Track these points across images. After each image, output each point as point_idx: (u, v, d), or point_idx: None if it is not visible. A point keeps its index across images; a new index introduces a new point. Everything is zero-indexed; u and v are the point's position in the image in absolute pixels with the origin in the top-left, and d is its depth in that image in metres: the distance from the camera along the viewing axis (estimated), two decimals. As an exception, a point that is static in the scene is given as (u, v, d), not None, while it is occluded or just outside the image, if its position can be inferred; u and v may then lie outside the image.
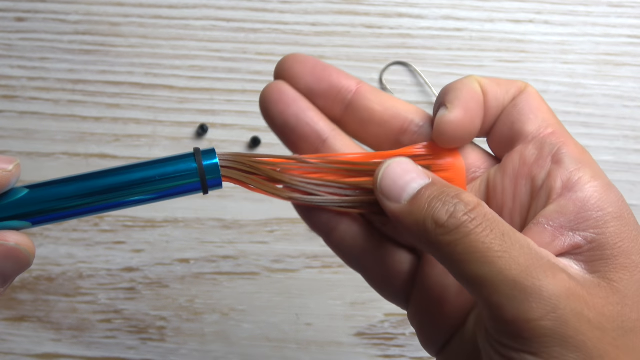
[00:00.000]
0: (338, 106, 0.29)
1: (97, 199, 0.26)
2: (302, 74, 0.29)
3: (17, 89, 0.54)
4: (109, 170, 0.27)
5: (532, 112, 0.27)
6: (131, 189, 0.27)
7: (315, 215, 0.29)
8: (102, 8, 0.55)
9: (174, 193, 0.27)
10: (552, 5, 0.55)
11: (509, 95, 0.28)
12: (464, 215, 0.23)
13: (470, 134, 0.28)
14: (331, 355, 0.50)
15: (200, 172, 0.27)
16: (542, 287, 0.22)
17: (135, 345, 0.50)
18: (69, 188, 0.26)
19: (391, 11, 0.55)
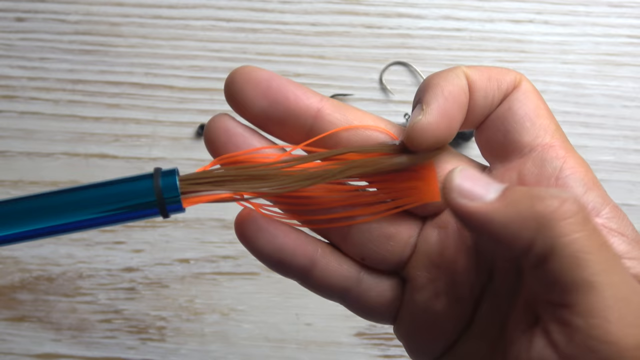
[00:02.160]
0: (299, 132, 0.26)
1: (48, 220, 0.24)
2: (254, 99, 0.25)
3: (17, 89, 0.54)
4: (60, 190, 0.25)
5: (529, 118, 0.25)
6: (85, 209, 0.24)
7: (289, 259, 0.26)
8: (102, 8, 0.55)
9: (130, 216, 0.25)
10: (552, 5, 0.55)
11: (501, 92, 0.25)
12: (578, 206, 0.21)
13: (444, 141, 0.25)
14: (331, 355, 0.50)
15: (157, 194, 0.24)
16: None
17: (135, 345, 0.50)
18: (15, 207, 0.24)
19: (391, 11, 0.55)
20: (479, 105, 0.25)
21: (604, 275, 0.20)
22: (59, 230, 0.25)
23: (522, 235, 0.21)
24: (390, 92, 0.54)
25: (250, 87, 0.25)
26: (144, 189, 0.24)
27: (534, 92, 0.26)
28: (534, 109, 0.25)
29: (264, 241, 0.26)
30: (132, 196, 0.24)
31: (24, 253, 0.51)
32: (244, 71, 0.25)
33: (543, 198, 0.21)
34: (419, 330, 0.27)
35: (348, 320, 0.50)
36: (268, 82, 0.25)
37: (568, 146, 0.25)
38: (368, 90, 0.54)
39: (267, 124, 0.26)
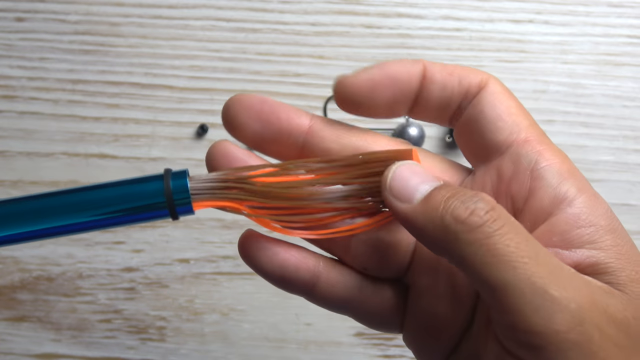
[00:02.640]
0: (292, 148, 0.27)
1: (57, 219, 0.24)
2: (249, 122, 0.27)
3: (17, 89, 0.54)
4: (70, 190, 0.25)
5: (500, 117, 0.26)
6: (95, 209, 0.24)
7: (293, 275, 0.27)
8: (102, 8, 0.55)
9: (140, 218, 0.25)
10: (552, 5, 0.55)
11: (462, 88, 0.26)
12: (486, 213, 0.22)
13: (362, 102, 0.26)
14: (331, 355, 0.50)
15: (167, 196, 0.24)
16: (570, 298, 0.21)
17: (135, 345, 0.50)
18: (27, 206, 0.24)
19: (390, 11, 0.55)
20: (435, 96, 0.26)
21: (511, 275, 0.21)
22: (69, 230, 0.24)
23: (436, 242, 0.23)
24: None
25: (244, 112, 0.27)
26: (154, 190, 0.24)
27: (503, 92, 0.26)
28: (505, 108, 0.26)
29: (267, 259, 0.27)
30: (142, 197, 0.24)
31: (23, 253, 0.51)
32: (237, 98, 0.27)
33: (453, 209, 0.22)
34: (425, 334, 0.27)
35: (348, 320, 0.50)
36: (260, 105, 0.27)
37: (544, 139, 0.26)
38: (368, 90, 0.54)
39: (262, 144, 0.28)
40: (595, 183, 0.53)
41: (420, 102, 0.27)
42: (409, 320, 0.28)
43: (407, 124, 0.52)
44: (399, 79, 0.26)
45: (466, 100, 0.26)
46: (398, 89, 0.26)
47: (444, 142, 0.53)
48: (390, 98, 0.26)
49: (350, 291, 0.28)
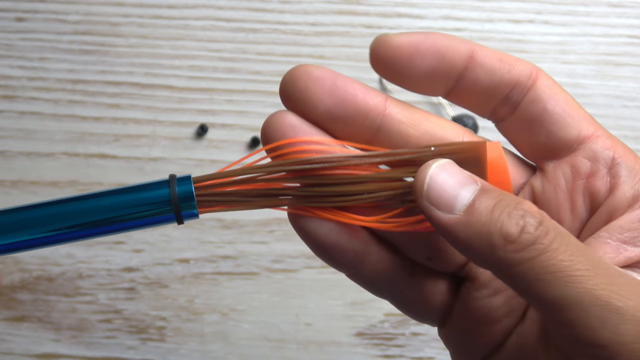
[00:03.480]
0: (366, 131, 0.25)
1: (64, 227, 0.24)
2: (321, 97, 0.24)
3: (17, 89, 0.54)
4: (77, 197, 0.25)
5: (568, 114, 0.25)
6: (101, 216, 0.25)
7: (345, 242, 0.25)
8: (102, 8, 0.55)
9: (146, 223, 0.25)
10: (552, 5, 0.55)
11: (512, 77, 0.25)
12: (537, 229, 0.21)
13: (399, 66, 0.24)
14: (331, 355, 0.50)
15: (174, 202, 0.25)
16: (635, 307, 0.20)
17: (135, 345, 0.50)
18: (32, 214, 0.25)
19: (391, 11, 0.55)
20: (481, 81, 0.25)
21: (571, 290, 0.20)
22: (77, 236, 0.25)
23: (482, 258, 0.22)
24: (390, 92, 0.54)
25: (316, 86, 0.24)
26: (161, 196, 0.25)
27: (557, 84, 0.25)
28: (568, 102, 0.25)
29: (320, 224, 0.25)
30: (149, 204, 0.25)
31: (23, 253, 0.51)
32: (306, 70, 0.25)
33: (502, 225, 0.21)
34: (473, 330, 0.27)
35: (348, 320, 0.50)
36: (333, 80, 0.25)
37: (609, 133, 0.25)
38: (368, 90, 0.54)
39: (333, 123, 0.25)
40: (596, 183, 0.53)
41: (463, 84, 0.25)
42: (457, 314, 0.27)
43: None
44: (445, 51, 0.24)
45: (516, 92, 0.25)
46: (441, 62, 0.24)
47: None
48: (431, 70, 0.24)
49: (399, 274, 0.27)
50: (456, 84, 0.25)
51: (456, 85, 0.25)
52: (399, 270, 0.27)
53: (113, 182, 0.52)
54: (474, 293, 0.26)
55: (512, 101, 0.25)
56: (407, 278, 0.27)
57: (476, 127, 0.52)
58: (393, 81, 0.25)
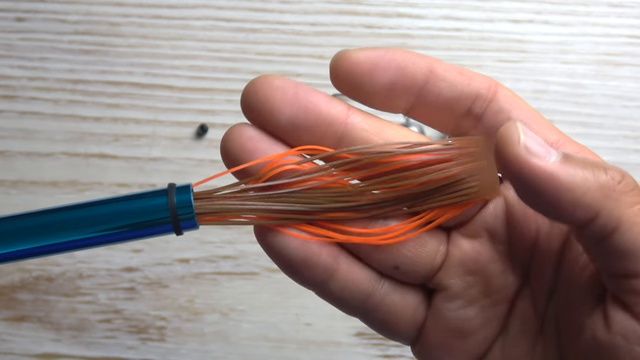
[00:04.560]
0: (329, 140, 0.25)
1: (58, 236, 0.24)
2: (282, 107, 0.24)
3: (17, 89, 0.54)
4: (72, 206, 0.25)
5: (532, 121, 0.25)
6: (98, 225, 0.24)
7: (314, 258, 0.25)
8: (102, 8, 0.55)
9: (143, 234, 0.24)
10: (552, 5, 0.55)
11: (472, 89, 0.24)
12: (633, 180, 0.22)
13: (358, 83, 0.24)
14: (331, 355, 0.50)
15: (171, 211, 0.24)
16: None
17: (135, 345, 0.50)
18: (29, 222, 0.24)
19: (391, 11, 0.55)
20: (442, 95, 0.24)
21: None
22: (71, 247, 0.24)
23: (586, 202, 0.21)
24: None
25: (276, 96, 0.24)
26: (158, 205, 0.24)
27: (516, 95, 0.26)
28: (530, 111, 0.25)
29: (288, 239, 0.25)
30: (146, 213, 0.24)
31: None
32: (267, 80, 0.25)
33: (606, 169, 0.22)
34: (446, 343, 0.26)
35: (348, 320, 0.50)
36: (295, 90, 0.24)
37: (574, 140, 0.25)
38: (368, 90, 0.54)
39: (295, 134, 0.25)
40: (595, 183, 0.53)
41: (424, 99, 0.25)
42: (430, 329, 0.26)
43: (407, 123, 0.52)
44: (405, 66, 0.24)
45: (478, 105, 0.25)
46: (401, 77, 0.24)
47: (444, 142, 0.53)
48: (391, 85, 0.24)
49: (370, 288, 0.26)
50: (417, 99, 0.25)
51: (417, 100, 0.25)
52: (368, 284, 0.26)
53: (113, 182, 0.52)
54: (446, 304, 0.26)
55: (474, 114, 0.25)
56: (376, 292, 0.26)
57: None
58: (354, 97, 0.25)
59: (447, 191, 0.25)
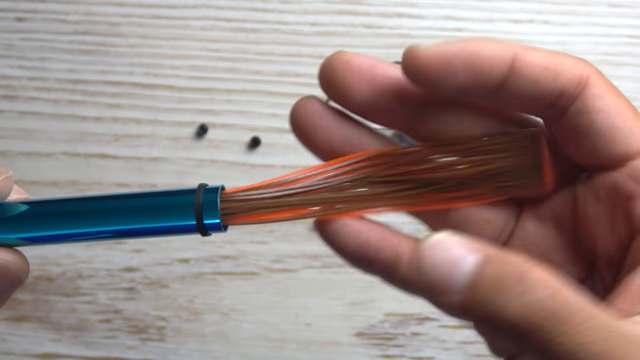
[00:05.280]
0: (405, 121, 0.25)
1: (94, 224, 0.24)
2: (359, 88, 0.24)
3: (17, 89, 0.54)
4: (100, 197, 0.25)
5: (616, 127, 0.22)
6: (123, 218, 0.24)
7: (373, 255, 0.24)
8: (102, 8, 0.55)
9: (167, 231, 0.24)
10: (552, 5, 0.55)
11: (558, 85, 0.22)
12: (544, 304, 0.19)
13: (437, 85, 0.22)
14: (331, 355, 0.50)
15: (196, 211, 0.24)
16: None
17: (135, 345, 0.50)
18: (68, 207, 0.25)
19: (391, 11, 0.55)
20: (522, 92, 0.23)
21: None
22: (92, 237, 0.24)
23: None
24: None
25: (354, 77, 0.23)
26: (184, 203, 0.24)
27: (611, 90, 0.22)
28: (619, 113, 0.22)
29: (348, 237, 0.24)
30: (172, 211, 0.24)
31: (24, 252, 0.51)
32: (344, 60, 0.24)
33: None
34: None
35: (348, 320, 0.50)
36: (371, 70, 0.23)
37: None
38: (368, 90, 0.54)
39: (372, 113, 0.24)
40: (596, 183, 0.53)
41: (502, 95, 0.23)
42: None
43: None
44: (480, 63, 0.22)
45: (562, 101, 0.23)
46: (476, 75, 0.22)
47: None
48: (465, 84, 0.22)
49: None
50: (492, 94, 0.23)
51: (492, 95, 0.23)
52: None
53: (113, 182, 0.52)
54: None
55: (557, 109, 0.23)
56: None
57: None
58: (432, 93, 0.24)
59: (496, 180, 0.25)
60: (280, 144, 0.53)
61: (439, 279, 0.20)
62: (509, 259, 0.20)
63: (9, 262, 0.24)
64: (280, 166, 0.52)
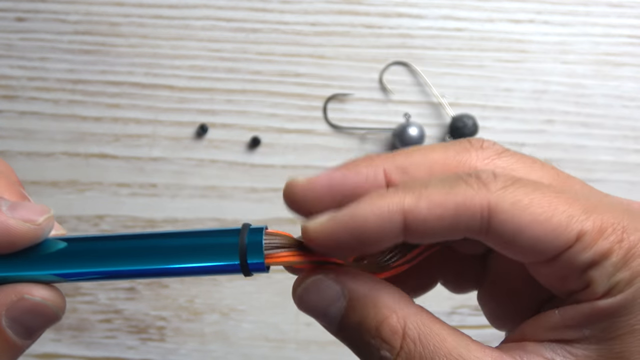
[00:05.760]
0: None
1: (135, 262, 0.24)
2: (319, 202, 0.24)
3: (17, 89, 0.54)
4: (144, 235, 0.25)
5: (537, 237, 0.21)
6: (167, 258, 0.24)
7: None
8: (102, 8, 0.55)
9: (209, 271, 0.24)
10: (552, 5, 0.55)
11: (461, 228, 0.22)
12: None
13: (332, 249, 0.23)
14: (330, 355, 0.50)
15: (241, 251, 0.24)
16: None
17: (135, 345, 0.50)
18: (108, 245, 0.25)
19: (391, 11, 0.55)
20: (426, 240, 0.23)
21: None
22: (133, 274, 0.24)
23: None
24: (390, 92, 0.54)
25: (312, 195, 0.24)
26: (228, 245, 0.24)
27: (516, 204, 0.21)
28: (533, 225, 0.21)
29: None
30: (215, 251, 0.24)
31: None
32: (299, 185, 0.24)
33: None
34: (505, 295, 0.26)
35: (348, 320, 0.50)
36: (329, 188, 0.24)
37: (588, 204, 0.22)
38: (368, 90, 0.54)
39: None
40: (595, 183, 0.53)
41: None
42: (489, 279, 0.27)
43: (407, 123, 0.52)
44: (369, 237, 0.22)
45: (473, 235, 0.22)
46: (368, 247, 0.22)
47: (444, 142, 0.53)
48: (361, 252, 0.23)
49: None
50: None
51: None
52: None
53: (113, 182, 0.52)
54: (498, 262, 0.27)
55: (474, 239, 0.22)
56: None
57: (476, 127, 0.52)
58: None
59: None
60: (280, 144, 0.53)
61: (316, 314, 0.24)
62: (373, 303, 0.22)
63: (48, 300, 0.24)
64: (280, 166, 0.52)
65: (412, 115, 0.53)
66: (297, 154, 0.53)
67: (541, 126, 0.54)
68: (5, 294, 0.24)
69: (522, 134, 0.53)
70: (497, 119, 0.54)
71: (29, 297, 0.24)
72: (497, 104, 0.54)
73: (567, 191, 0.22)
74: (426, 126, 0.53)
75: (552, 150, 0.53)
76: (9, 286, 0.24)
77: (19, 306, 0.24)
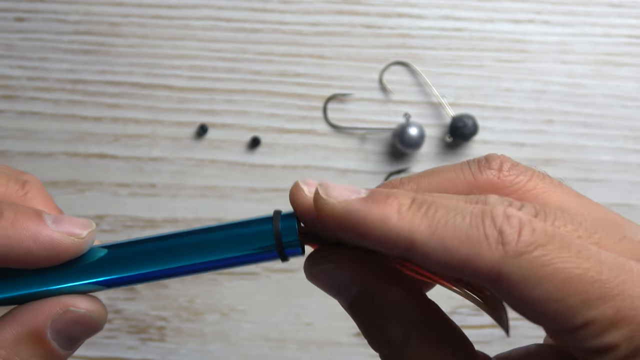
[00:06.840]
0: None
1: (175, 260, 0.25)
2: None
3: (17, 89, 0.54)
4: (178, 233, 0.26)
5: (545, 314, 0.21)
6: (204, 253, 0.25)
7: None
8: (102, 8, 0.55)
9: (248, 260, 0.25)
10: (552, 5, 0.55)
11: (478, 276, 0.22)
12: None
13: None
14: (331, 355, 0.50)
15: (276, 237, 0.24)
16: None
17: (135, 345, 0.50)
18: (148, 247, 0.25)
19: (391, 11, 0.55)
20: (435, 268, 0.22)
21: None
22: (175, 272, 0.25)
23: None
24: (390, 92, 0.54)
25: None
26: (263, 232, 0.25)
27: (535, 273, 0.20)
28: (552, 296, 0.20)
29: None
30: (251, 240, 0.25)
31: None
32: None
33: None
34: None
35: (348, 320, 0.50)
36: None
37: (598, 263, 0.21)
38: (368, 90, 0.54)
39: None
40: (595, 183, 0.53)
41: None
42: None
43: (407, 123, 0.52)
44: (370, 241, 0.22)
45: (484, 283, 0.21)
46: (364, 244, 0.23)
47: (444, 142, 0.53)
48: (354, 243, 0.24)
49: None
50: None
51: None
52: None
53: (113, 182, 0.52)
54: None
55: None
56: None
57: (476, 127, 0.52)
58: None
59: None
60: (280, 144, 0.53)
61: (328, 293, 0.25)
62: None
63: (92, 312, 0.25)
64: (280, 166, 0.52)
65: (412, 115, 0.53)
66: (297, 154, 0.53)
67: (541, 126, 0.54)
68: (51, 306, 0.24)
69: (522, 134, 0.53)
70: (497, 119, 0.54)
71: (74, 310, 0.24)
72: (497, 104, 0.54)
73: (592, 254, 0.21)
74: (426, 126, 0.53)
75: (552, 150, 0.53)
76: (53, 298, 0.24)
77: (64, 318, 0.24)
